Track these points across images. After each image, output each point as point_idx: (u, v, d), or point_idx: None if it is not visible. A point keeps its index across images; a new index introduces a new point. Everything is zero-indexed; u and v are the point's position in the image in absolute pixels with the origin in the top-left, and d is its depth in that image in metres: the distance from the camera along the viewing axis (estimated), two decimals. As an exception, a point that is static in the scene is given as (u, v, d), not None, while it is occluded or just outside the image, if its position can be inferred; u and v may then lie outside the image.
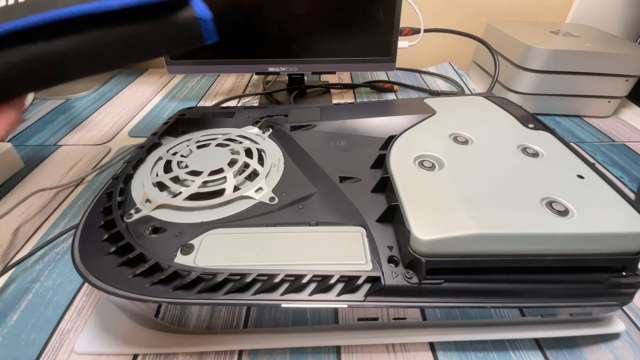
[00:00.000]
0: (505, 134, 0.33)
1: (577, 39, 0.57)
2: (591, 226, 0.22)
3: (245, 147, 0.34)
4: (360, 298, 0.22)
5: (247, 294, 0.22)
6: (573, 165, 0.28)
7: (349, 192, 0.29)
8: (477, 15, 0.77)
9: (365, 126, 0.38)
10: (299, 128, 0.38)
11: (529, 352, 0.26)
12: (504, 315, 0.26)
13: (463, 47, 0.80)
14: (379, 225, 0.26)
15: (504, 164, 0.28)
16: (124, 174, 0.31)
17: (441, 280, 0.22)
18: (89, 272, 0.23)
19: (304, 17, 0.53)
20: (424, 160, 0.29)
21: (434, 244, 0.22)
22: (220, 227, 0.26)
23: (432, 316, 0.26)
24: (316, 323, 0.26)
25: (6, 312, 0.29)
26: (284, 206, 0.28)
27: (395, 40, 0.55)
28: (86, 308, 0.29)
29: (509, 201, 0.24)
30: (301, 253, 0.24)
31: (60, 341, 0.27)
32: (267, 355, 0.26)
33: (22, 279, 0.32)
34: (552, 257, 0.22)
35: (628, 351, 0.26)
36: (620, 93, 0.56)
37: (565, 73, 0.54)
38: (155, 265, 0.23)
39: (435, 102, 0.41)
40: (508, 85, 0.59)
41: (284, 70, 0.57)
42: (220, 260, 0.23)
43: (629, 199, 0.24)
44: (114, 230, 0.25)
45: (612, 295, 0.24)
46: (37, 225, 0.38)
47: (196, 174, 0.30)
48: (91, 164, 0.47)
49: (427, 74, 0.75)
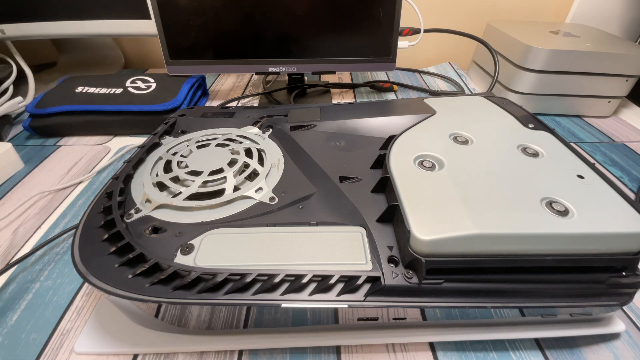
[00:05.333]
0: (505, 134, 0.33)
1: (577, 39, 0.57)
2: (591, 226, 0.22)
3: (245, 147, 0.34)
4: (360, 298, 0.22)
5: (247, 294, 0.22)
6: (573, 165, 0.28)
7: (349, 192, 0.29)
8: (477, 15, 0.77)
9: (365, 126, 0.38)
10: (299, 128, 0.38)
11: (529, 352, 0.26)
12: (504, 315, 0.26)
13: (463, 47, 0.80)
14: (379, 225, 0.26)
15: (504, 164, 0.28)
16: (124, 174, 0.31)
17: (441, 280, 0.22)
18: (89, 272, 0.23)
19: (304, 17, 0.53)
20: (424, 160, 0.29)
21: (434, 244, 0.22)
22: (220, 227, 0.26)
23: (432, 316, 0.26)
24: (316, 323, 0.26)
25: (6, 312, 0.29)
26: (284, 206, 0.28)
27: (395, 40, 0.55)
28: (86, 308, 0.29)
29: (509, 201, 0.24)
30: (301, 253, 0.24)
31: (60, 341, 0.27)
32: (267, 355, 0.26)
33: (22, 279, 0.32)
34: (552, 257, 0.22)
35: (628, 351, 0.26)
36: (620, 93, 0.56)
37: (565, 73, 0.54)
38: (155, 265, 0.23)
39: (435, 102, 0.41)
40: (508, 85, 0.59)
41: (284, 70, 0.57)
42: (220, 260, 0.23)
43: (629, 199, 0.24)
44: (114, 230, 0.25)
45: (612, 295, 0.24)
46: (36, 225, 0.38)
47: (196, 174, 0.30)
48: (91, 164, 0.47)
49: (427, 74, 0.75)
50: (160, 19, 0.52)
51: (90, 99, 0.52)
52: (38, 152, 0.50)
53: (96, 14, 0.58)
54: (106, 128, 0.53)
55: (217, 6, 0.52)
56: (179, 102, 0.52)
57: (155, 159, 0.33)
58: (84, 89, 0.54)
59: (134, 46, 0.83)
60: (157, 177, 0.30)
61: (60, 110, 0.51)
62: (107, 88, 0.54)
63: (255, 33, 0.54)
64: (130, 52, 0.84)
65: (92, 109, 0.51)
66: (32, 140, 0.53)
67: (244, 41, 0.55)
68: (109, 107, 0.51)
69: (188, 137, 0.37)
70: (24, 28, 0.60)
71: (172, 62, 0.56)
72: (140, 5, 0.56)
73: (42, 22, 0.59)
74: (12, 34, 0.60)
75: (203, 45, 0.55)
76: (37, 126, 0.52)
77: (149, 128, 0.52)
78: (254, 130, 0.38)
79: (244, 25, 0.53)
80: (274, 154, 0.34)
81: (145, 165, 0.33)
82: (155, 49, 0.83)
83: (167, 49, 0.55)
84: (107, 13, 0.58)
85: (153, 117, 0.52)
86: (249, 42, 0.55)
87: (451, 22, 0.78)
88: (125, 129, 0.54)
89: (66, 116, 0.52)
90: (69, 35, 0.61)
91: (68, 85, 0.55)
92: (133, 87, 0.55)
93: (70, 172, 0.45)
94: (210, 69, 0.57)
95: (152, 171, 0.31)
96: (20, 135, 0.55)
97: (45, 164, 0.47)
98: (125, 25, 0.59)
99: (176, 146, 0.35)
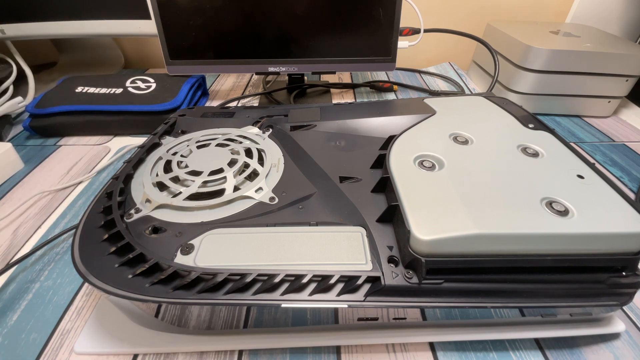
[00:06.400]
0: (505, 134, 0.33)
1: (577, 39, 0.57)
2: (591, 226, 0.22)
3: (245, 147, 0.34)
4: (360, 298, 0.22)
5: (247, 294, 0.22)
6: (573, 165, 0.28)
7: (349, 192, 0.29)
8: (477, 15, 0.77)
9: (365, 126, 0.38)
10: (299, 128, 0.38)
11: (529, 352, 0.26)
12: (504, 315, 0.26)
13: (463, 47, 0.80)
14: (379, 225, 0.26)
15: (504, 164, 0.28)
16: (124, 174, 0.31)
17: (441, 280, 0.22)
18: (89, 272, 0.23)
19: (304, 17, 0.53)
20: (424, 160, 0.29)
21: (433, 244, 0.22)
22: (220, 227, 0.26)
23: (432, 316, 0.26)
24: (316, 323, 0.26)
25: (6, 312, 0.29)
26: (284, 206, 0.28)
27: (395, 40, 0.55)
28: (86, 308, 0.29)
29: (508, 201, 0.24)
30: (301, 253, 0.24)
31: (60, 341, 0.27)
32: (267, 355, 0.26)
33: (22, 279, 0.32)
34: (552, 257, 0.22)
35: (628, 351, 0.26)
36: (620, 93, 0.56)
37: (565, 73, 0.54)
38: (155, 265, 0.23)
39: (435, 102, 0.41)
40: (508, 85, 0.59)
41: (284, 70, 0.57)
42: (220, 260, 0.23)
43: (629, 199, 0.24)
44: (114, 230, 0.25)
45: (612, 295, 0.24)
46: (36, 225, 0.38)
47: (196, 174, 0.30)
48: (91, 164, 0.47)
49: (427, 74, 0.75)
50: (160, 19, 0.52)
51: (90, 99, 0.52)
52: (38, 152, 0.50)
53: (96, 14, 0.58)
54: (106, 128, 0.53)
55: (217, 6, 0.52)
56: (179, 102, 0.53)
57: (155, 159, 0.33)
58: (84, 89, 0.54)
59: (134, 46, 0.83)
60: (157, 177, 0.30)
61: (60, 110, 0.51)
62: (107, 88, 0.54)
63: (255, 33, 0.54)
64: (130, 52, 0.84)
65: (92, 109, 0.51)
66: (32, 140, 0.53)
67: (244, 41, 0.55)
68: (109, 107, 0.51)
69: (188, 137, 0.37)
70: (24, 28, 0.60)
71: (172, 62, 0.56)
72: (140, 5, 0.56)
73: (42, 22, 0.59)
74: (12, 34, 0.60)
75: (203, 45, 0.55)
76: (37, 126, 0.52)
77: (149, 128, 0.52)
78: (254, 130, 0.38)
79: (244, 25, 0.53)
80: (274, 154, 0.34)
81: (145, 165, 0.33)
82: (155, 49, 0.83)
83: (167, 49, 0.55)
84: (107, 13, 0.58)
85: (153, 117, 0.52)
86: (249, 42, 0.55)
87: (451, 22, 0.78)
88: (125, 129, 0.54)
89: (66, 116, 0.52)
90: (69, 35, 0.61)
91: (68, 85, 0.55)
92: (133, 87, 0.55)
93: (70, 172, 0.45)
94: (210, 69, 0.57)
95: (152, 171, 0.31)
96: (20, 135, 0.55)
97: (45, 164, 0.47)
98: (125, 25, 0.59)
99: (176, 146, 0.35)
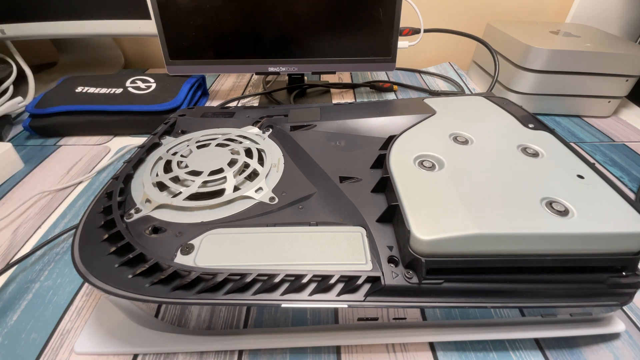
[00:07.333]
0: (505, 134, 0.33)
1: (577, 39, 0.57)
2: (591, 226, 0.22)
3: (245, 147, 0.34)
4: (360, 298, 0.22)
5: (247, 294, 0.22)
6: (573, 165, 0.28)
7: (349, 192, 0.29)
8: (477, 15, 0.77)
9: (365, 126, 0.38)
10: (299, 128, 0.38)
11: (529, 352, 0.26)
12: (504, 315, 0.26)
13: (463, 47, 0.80)
14: (379, 225, 0.26)
15: (504, 164, 0.28)
16: (124, 174, 0.31)
17: (441, 280, 0.22)
18: (89, 272, 0.23)
19: (304, 17, 0.53)
20: (424, 160, 0.29)
21: (433, 244, 0.22)
22: (220, 227, 0.26)
23: (432, 316, 0.26)
24: (316, 323, 0.26)
25: (6, 312, 0.29)
26: (284, 206, 0.28)
27: (395, 40, 0.55)
28: (86, 308, 0.29)
29: (508, 201, 0.24)
30: (301, 253, 0.24)
31: (60, 341, 0.27)
32: (267, 355, 0.26)
33: (22, 279, 0.32)
34: (552, 257, 0.22)
35: (628, 351, 0.26)
36: (620, 93, 0.56)
37: (565, 73, 0.54)
38: (155, 265, 0.23)
39: (435, 102, 0.41)
40: (508, 85, 0.59)
41: (284, 70, 0.57)
42: (220, 260, 0.23)
43: (629, 199, 0.24)
44: (114, 230, 0.25)
45: (612, 295, 0.24)
46: (37, 225, 0.38)
47: (196, 174, 0.30)
48: (91, 164, 0.47)
49: (427, 74, 0.75)
50: (160, 19, 0.52)
51: (90, 99, 0.52)
52: (38, 152, 0.50)
53: (96, 14, 0.58)
54: (106, 128, 0.53)
55: (217, 6, 0.52)
56: (179, 102, 0.53)
57: (155, 159, 0.33)
58: (84, 89, 0.54)
59: (134, 46, 0.83)
60: (157, 177, 0.30)
61: (60, 110, 0.51)
62: (107, 88, 0.54)
63: (255, 33, 0.54)
64: (130, 52, 0.84)
65: (92, 109, 0.51)
66: (32, 140, 0.53)
67: (244, 41, 0.55)
68: (109, 107, 0.51)
69: (188, 137, 0.36)
70: (24, 28, 0.60)
71: (172, 62, 0.56)
72: (140, 5, 0.56)
73: (42, 22, 0.59)
74: (12, 34, 0.60)
75: (203, 45, 0.55)
76: (37, 126, 0.52)
77: (149, 128, 0.52)
78: (254, 130, 0.38)
79: (244, 25, 0.53)
80: (274, 154, 0.34)
81: (145, 165, 0.33)
82: (155, 49, 0.83)
83: (167, 49, 0.55)
84: (107, 13, 0.58)
85: (153, 117, 0.52)
86: (249, 42, 0.55)
87: (451, 22, 0.78)
88: (125, 129, 0.54)
89: (66, 116, 0.52)
90: (69, 35, 0.61)
91: (68, 85, 0.55)
92: (133, 87, 0.55)
93: (70, 172, 0.45)
94: (210, 69, 0.57)
95: (152, 171, 0.31)
96: (20, 135, 0.55)
97: (45, 164, 0.47)
98: (125, 25, 0.59)
99: (176, 146, 0.35)
